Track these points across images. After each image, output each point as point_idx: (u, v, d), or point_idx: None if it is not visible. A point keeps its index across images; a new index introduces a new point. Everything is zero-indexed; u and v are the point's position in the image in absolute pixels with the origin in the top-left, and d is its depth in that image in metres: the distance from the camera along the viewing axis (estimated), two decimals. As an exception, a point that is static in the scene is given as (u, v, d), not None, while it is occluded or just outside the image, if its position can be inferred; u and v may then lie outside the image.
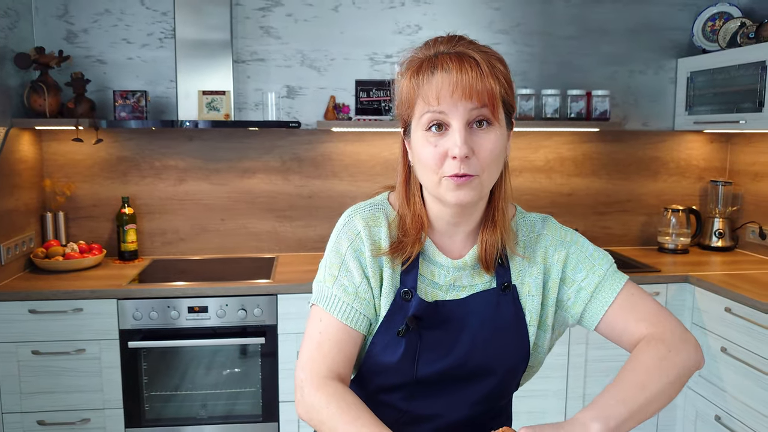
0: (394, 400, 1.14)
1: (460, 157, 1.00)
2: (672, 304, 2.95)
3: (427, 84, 1.02)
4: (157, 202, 3.23)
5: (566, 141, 3.49)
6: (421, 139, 1.04)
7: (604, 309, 1.13)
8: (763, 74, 2.87)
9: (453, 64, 1.00)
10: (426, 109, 1.02)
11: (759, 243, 3.35)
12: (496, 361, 1.12)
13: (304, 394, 1.05)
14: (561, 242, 1.18)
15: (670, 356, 1.03)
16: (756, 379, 2.53)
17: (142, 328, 2.67)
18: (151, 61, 3.13)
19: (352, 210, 1.17)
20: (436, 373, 1.11)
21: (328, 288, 1.11)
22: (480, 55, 1.02)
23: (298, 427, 2.81)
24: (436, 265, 1.13)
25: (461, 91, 0.99)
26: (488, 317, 1.12)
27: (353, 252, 1.12)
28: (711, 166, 3.61)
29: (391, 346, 1.10)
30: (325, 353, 1.07)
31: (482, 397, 1.14)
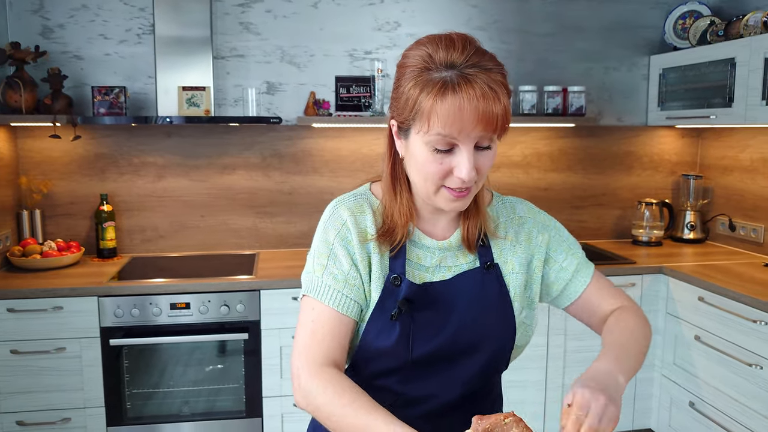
0: (389, 384, 1.16)
1: (469, 179, 1.03)
2: (647, 294, 3.03)
3: (441, 105, 1.00)
4: (136, 199, 3.21)
5: (543, 137, 3.55)
6: (425, 152, 1.05)
7: (583, 288, 1.24)
8: (732, 71, 2.96)
9: (468, 91, 0.99)
10: (438, 131, 1.01)
11: (729, 234, 3.45)
12: (485, 337, 1.16)
13: (301, 381, 1.06)
14: (544, 226, 1.26)
15: (644, 323, 1.20)
16: (728, 366, 2.61)
17: (123, 326, 2.66)
18: (129, 57, 3.11)
19: (336, 201, 1.19)
20: (429, 354, 1.14)
21: (318, 277, 1.13)
22: (491, 77, 1.01)
23: (281, 422, 2.82)
24: (422, 248, 1.17)
25: (476, 121, 1.00)
26: (475, 295, 1.16)
27: (341, 241, 1.14)
28: (683, 161, 3.70)
29: (385, 330, 1.13)
30: (319, 340, 1.09)
31: (473, 376, 1.18)
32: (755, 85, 2.81)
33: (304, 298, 1.15)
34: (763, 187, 3.22)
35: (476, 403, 1.21)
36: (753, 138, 3.28)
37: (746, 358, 2.50)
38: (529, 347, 2.95)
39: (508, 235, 1.22)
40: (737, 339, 2.55)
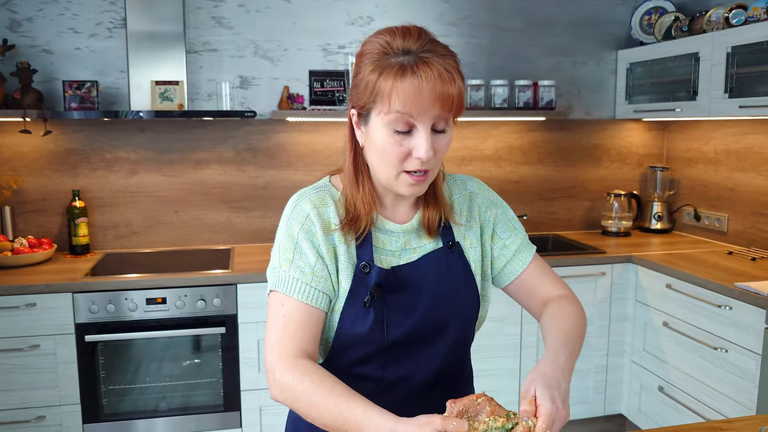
0: (368, 370, 1.19)
1: (427, 159, 1.07)
2: (617, 283, 3.11)
3: (399, 86, 1.04)
4: (109, 194, 3.18)
5: (514, 130, 3.61)
6: (385, 135, 1.08)
7: (523, 268, 1.29)
8: (696, 65, 3.05)
9: (425, 71, 1.04)
10: (396, 110, 1.05)
11: (694, 224, 3.55)
12: (454, 314, 1.21)
13: (276, 376, 1.08)
14: (492, 202, 1.31)
15: (583, 314, 1.25)
16: (695, 350, 2.70)
17: (98, 322, 2.64)
18: (100, 51, 3.07)
19: (297, 195, 1.21)
20: (404, 336, 1.17)
21: (285, 272, 1.14)
22: (445, 60, 1.07)
23: (259, 415, 2.83)
24: (386, 233, 1.20)
25: (433, 100, 1.04)
26: (441, 274, 1.20)
27: (305, 234, 1.15)
28: (650, 153, 3.80)
29: (359, 318, 1.15)
30: (291, 334, 1.11)
31: (447, 351, 1.22)
32: (718, 78, 2.90)
33: (272, 293, 1.16)
34: (726, 178, 3.32)
35: (452, 378, 1.25)
36: (716, 130, 3.38)
37: (712, 342, 2.59)
38: (503, 336, 3.02)
39: (463, 212, 1.27)
40: (703, 324, 2.64)
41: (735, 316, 2.47)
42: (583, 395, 3.18)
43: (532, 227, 3.71)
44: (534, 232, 3.70)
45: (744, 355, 2.43)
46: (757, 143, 3.13)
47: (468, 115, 3.33)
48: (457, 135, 3.52)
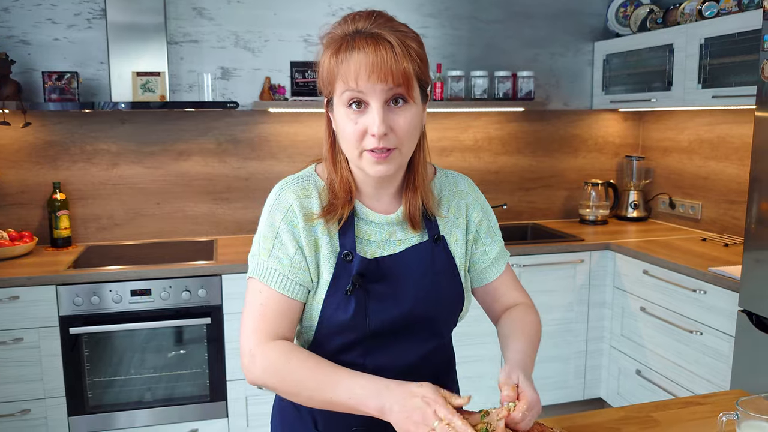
0: (352, 357, 1.21)
1: (379, 135, 1.08)
2: (595, 270, 3.18)
3: (345, 64, 1.06)
4: (90, 187, 3.16)
5: (494, 121, 3.66)
6: (343, 115, 1.10)
7: (497, 275, 1.33)
8: (670, 56, 3.12)
9: (369, 47, 1.06)
10: (345, 88, 1.07)
11: (669, 212, 3.64)
12: (437, 306, 1.23)
13: (256, 361, 1.10)
14: (480, 206, 1.33)
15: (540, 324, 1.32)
16: (671, 334, 2.78)
17: (83, 314, 2.63)
18: (79, 43, 3.04)
19: (282, 184, 1.22)
20: (387, 324, 1.19)
21: (264, 261, 1.16)
22: (395, 36, 1.07)
23: (245, 404, 2.85)
24: (370, 224, 1.22)
25: (377, 74, 1.05)
26: (426, 267, 1.22)
27: (287, 225, 1.16)
28: (626, 143, 3.88)
29: (342, 305, 1.17)
30: (269, 321, 1.13)
31: (430, 341, 1.25)
32: (692, 69, 2.98)
33: (250, 279, 1.18)
34: (699, 167, 3.41)
35: (434, 365, 1.28)
36: (690, 120, 3.46)
37: (687, 325, 2.67)
38: (485, 323, 3.05)
39: (451, 208, 1.29)
40: (679, 308, 2.72)
41: (709, 299, 2.55)
42: (563, 380, 3.25)
43: (512, 216, 3.76)
44: (513, 221, 3.76)
45: (718, 337, 2.51)
46: (729, 133, 3.21)
47: (448, 106, 3.37)
48: (437, 126, 3.56)
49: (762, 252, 2.23)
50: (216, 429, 2.84)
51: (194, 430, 2.81)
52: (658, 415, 1.24)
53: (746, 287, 2.30)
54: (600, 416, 1.24)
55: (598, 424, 1.21)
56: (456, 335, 1.37)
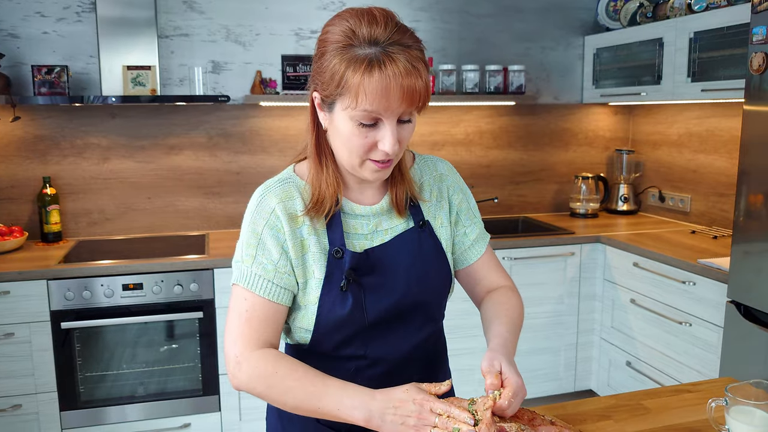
0: (352, 350, 1.22)
1: (393, 153, 1.09)
2: (585, 262, 3.20)
3: (369, 83, 1.02)
4: (81, 181, 3.15)
5: (485, 115, 3.67)
6: (351, 127, 1.08)
7: (477, 257, 1.34)
8: (660, 50, 3.14)
9: (398, 68, 1.02)
10: (365, 108, 1.04)
11: (659, 205, 3.67)
12: (429, 290, 1.25)
13: (242, 368, 1.11)
14: (460, 188, 1.34)
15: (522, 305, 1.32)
16: (661, 325, 2.80)
17: (74, 309, 2.62)
18: (68, 36, 3.03)
19: (262, 189, 1.20)
20: (383, 315, 1.20)
21: (248, 267, 1.15)
22: (414, 52, 1.06)
23: (238, 398, 2.85)
24: (356, 218, 1.22)
25: (405, 97, 1.04)
26: (414, 253, 1.23)
27: (270, 230, 1.15)
28: (616, 137, 3.90)
29: (338, 302, 1.17)
30: (254, 328, 1.13)
31: (424, 326, 1.26)
32: (681, 63, 3.00)
33: (235, 286, 1.18)
34: (689, 160, 3.44)
35: (429, 350, 1.30)
36: (680, 114, 3.49)
37: (677, 316, 2.70)
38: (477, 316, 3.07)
39: (433, 192, 1.30)
40: (669, 300, 2.75)
41: (698, 291, 2.57)
42: (554, 372, 3.28)
43: (503, 210, 3.78)
44: (504, 214, 3.77)
45: (707, 328, 2.54)
46: (718, 126, 3.24)
47: (440, 100, 3.37)
48: (429, 120, 3.56)
49: (750, 244, 2.26)
50: (209, 423, 2.84)
51: (187, 424, 2.81)
52: (649, 403, 1.26)
53: (735, 279, 2.32)
54: (591, 404, 1.26)
55: (590, 412, 1.22)
56: (447, 328, 1.38)
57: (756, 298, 2.23)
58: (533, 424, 1.08)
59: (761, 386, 1.07)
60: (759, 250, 2.22)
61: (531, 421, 1.08)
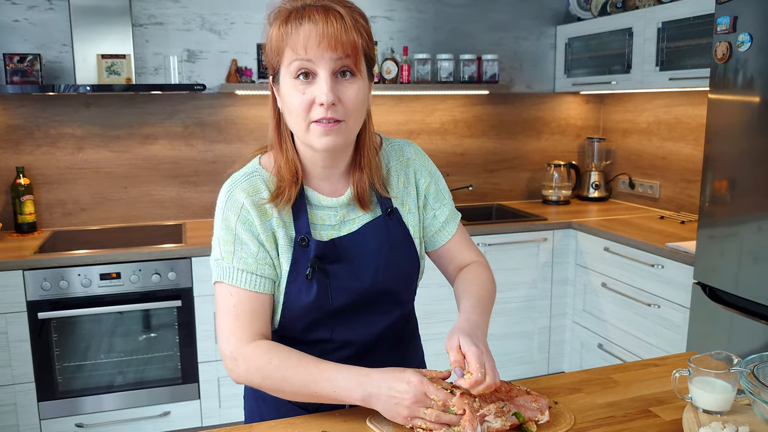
0: (319, 335, 1.24)
1: (327, 103, 1.08)
2: (558, 248, 3.27)
3: (295, 33, 1.07)
4: (55, 171, 3.12)
5: (459, 104, 3.71)
6: (290, 86, 1.10)
7: (448, 237, 1.36)
8: (630, 40, 3.21)
9: (320, 16, 1.07)
10: (294, 57, 1.08)
11: (629, 192, 3.76)
12: (397, 277, 1.27)
13: (238, 362, 1.13)
14: (428, 171, 1.35)
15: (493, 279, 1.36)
16: (631, 308, 2.89)
17: (51, 299, 2.62)
18: (40, 24, 2.99)
19: (230, 184, 1.21)
20: (350, 302, 1.23)
21: (229, 264, 1.16)
22: (344, 9, 1.10)
23: (218, 386, 2.87)
24: (323, 209, 1.23)
25: (327, 42, 1.07)
26: (382, 242, 1.25)
27: (243, 224, 1.16)
28: (587, 125, 3.98)
29: (304, 289, 1.19)
30: (244, 322, 1.15)
31: (393, 311, 1.29)
32: (650, 52, 3.07)
33: (218, 284, 1.18)
34: (658, 147, 3.53)
35: (398, 332, 1.33)
36: (649, 102, 3.57)
37: (646, 299, 2.78)
38: (452, 301, 3.13)
39: (400, 177, 1.31)
40: (638, 283, 2.83)
41: (666, 274, 2.66)
42: (528, 356, 3.35)
43: (477, 198, 3.84)
44: (479, 202, 3.83)
45: (674, 309, 2.63)
46: (685, 114, 3.33)
47: (415, 89, 3.41)
48: (404, 109, 3.60)
49: (715, 228, 2.34)
50: (188, 411, 2.86)
51: (166, 412, 2.83)
52: (618, 376, 1.32)
53: (700, 261, 2.40)
54: (563, 378, 1.31)
55: (562, 386, 1.27)
56: (422, 313, 1.42)
57: (720, 280, 2.32)
58: (510, 395, 1.13)
59: (721, 357, 1.13)
60: (723, 234, 2.30)
61: (508, 392, 1.13)
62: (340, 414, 1.18)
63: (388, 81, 3.34)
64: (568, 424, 1.12)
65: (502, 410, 1.07)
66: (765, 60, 2.10)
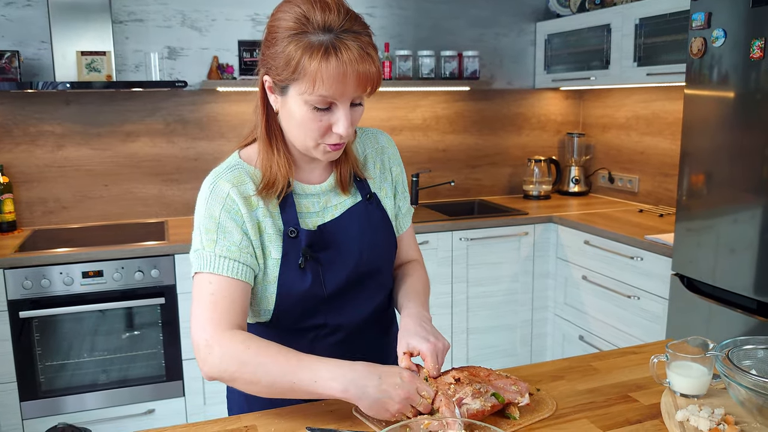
0: (314, 321, 1.26)
1: (347, 136, 1.13)
2: (539, 242, 3.31)
3: (326, 70, 1.05)
4: (35, 169, 3.10)
5: (441, 100, 3.74)
6: (305, 111, 1.11)
7: (404, 230, 1.42)
8: (608, 36, 3.26)
9: (353, 55, 1.06)
10: (321, 93, 1.07)
11: (608, 186, 3.81)
12: (380, 258, 1.32)
13: (213, 350, 1.10)
14: (398, 161, 1.41)
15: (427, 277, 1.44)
16: (611, 299, 2.93)
17: (32, 298, 2.60)
18: (18, 21, 2.96)
19: (213, 176, 1.21)
20: (341, 286, 1.25)
21: (210, 252, 1.15)
22: (365, 38, 1.09)
23: (202, 383, 2.87)
24: (307, 197, 1.26)
25: (359, 82, 1.08)
26: (364, 225, 1.29)
27: (227, 213, 1.16)
28: (567, 120, 4.03)
29: (298, 278, 1.21)
30: (221, 311, 1.13)
31: (378, 292, 1.33)
32: (628, 48, 3.12)
33: (197, 275, 1.17)
34: (636, 142, 3.58)
35: (382, 316, 1.37)
36: (628, 98, 3.62)
37: (626, 290, 2.83)
38: (434, 295, 3.17)
39: (377, 164, 1.36)
40: (618, 275, 2.88)
41: (645, 266, 2.70)
42: (511, 348, 3.39)
43: (460, 193, 3.87)
44: (461, 197, 3.86)
45: (654, 300, 2.68)
46: (662, 109, 3.38)
47: (396, 86, 3.42)
48: (387, 105, 3.61)
49: (692, 221, 2.38)
50: (173, 408, 2.85)
51: (151, 410, 2.82)
52: (598, 364, 1.35)
53: (678, 253, 2.45)
54: (545, 366, 1.34)
55: (544, 373, 1.30)
56: None
57: (697, 271, 2.37)
58: (489, 379, 1.15)
59: (697, 343, 1.17)
60: (700, 227, 2.35)
61: (487, 377, 1.15)
62: (326, 404, 1.19)
63: (370, 77, 3.35)
64: (550, 410, 1.15)
65: (479, 391, 1.08)
66: (738, 55, 2.15)
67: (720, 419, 1.05)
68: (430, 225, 3.10)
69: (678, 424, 1.06)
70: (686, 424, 1.06)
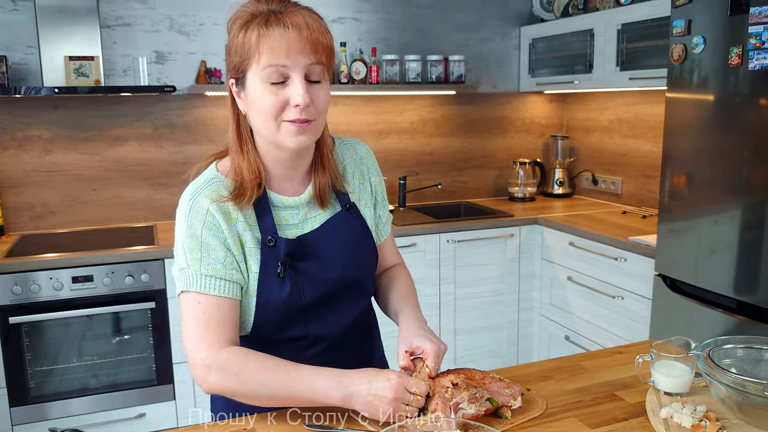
0: (294, 332, 1.27)
1: (304, 105, 1.12)
2: (524, 243, 3.36)
3: (269, 38, 1.08)
4: (22, 174, 3.09)
5: (427, 104, 3.78)
6: (261, 89, 1.11)
7: (384, 238, 1.44)
8: (591, 40, 3.32)
9: (300, 20, 1.10)
10: (269, 62, 1.09)
11: (592, 188, 3.88)
12: (360, 268, 1.33)
13: (211, 370, 1.11)
14: (377, 171, 1.42)
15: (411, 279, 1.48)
16: (596, 300, 2.99)
17: (22, 303, 2.60)
18: (5, 25, 2.96)
19: (191, 192, 1.20)
20: (321, 294, 1.26)
21: (196, 271, 1.15)
22: (315, 16, 1.14)
23: (193, 386, 2.89)
24: (285, 209, 1.26)
25: (310, 46, 1.10)
26: (344, 236, 1.29)
27: (209, 230, 1.16)
28: (551, 123, 4.09)
29: (276, 287, 1.21)
30: (214, 329, 1.14)
31: (359, 302, 1.35)
32: (611, 53, 3.18)
33: (183, 294, 1.17)
34: (619, 145, 3.65)
35: (363, 324, 1.39)
36: (611, 101, 3.69)
37: (610, 291, 2.88)
38: (422, 296, 3.21)
39: (356, 174, 1.36)
40: (602, 276, 2.93)
41: (629, 266, 2.76)
42: (497, 349, 3.44)
43: (446, 196, 3.91)
44: (447, 200, 3.91)
45: (637, 300, 2.73)
46: (645, 112, 3.45)
47: (383, 90, 3.46)
48: (374, 109, 3.65)
49: (674, 222, 2.44)
50: (164, 412, 2.87)
51: (142, 414, 2.83)
52: (586, 363, 1.39)
53: (661, 254, 2.51)
54: (535, 367, 1.38)
55: (533, 373, 1.34)
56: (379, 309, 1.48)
57: (680, 271, 2.43)
58: (484, 382, 1.19)
59: (680, 343, 1.21)
60: (682, 228, 2.41)
61: (482, 380, 1.19)
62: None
63: (357, 81, 3.39)
64: (540, 409, 1.19)
65: (475, 396, 1.12)
66: (717, 61, 2.21)
67: (702, 416, 1.09)
68: (417, 227, 3.14)
69: (662, 422, 1.11)
70: (670, 421, 1.10)
